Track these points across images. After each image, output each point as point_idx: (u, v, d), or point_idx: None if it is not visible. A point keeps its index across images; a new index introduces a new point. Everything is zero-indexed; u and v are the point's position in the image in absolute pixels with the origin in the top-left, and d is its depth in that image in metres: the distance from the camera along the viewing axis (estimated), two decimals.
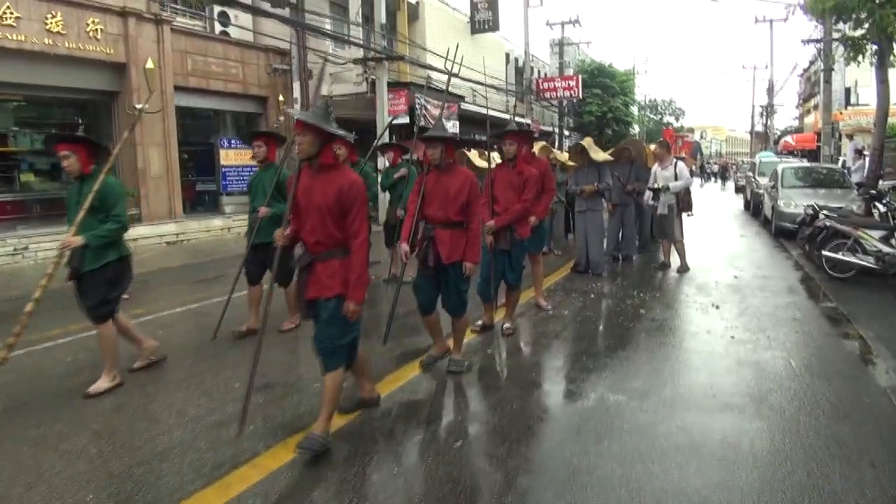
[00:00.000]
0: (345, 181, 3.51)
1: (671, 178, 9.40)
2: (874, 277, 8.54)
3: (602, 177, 8.95)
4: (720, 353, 5.49)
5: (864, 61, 16.10)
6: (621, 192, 10.10)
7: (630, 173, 10.24)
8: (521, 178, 5.85)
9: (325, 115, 3.54)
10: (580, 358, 5.44)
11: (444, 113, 21.13)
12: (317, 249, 3.61)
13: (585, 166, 9.10)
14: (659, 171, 9.60)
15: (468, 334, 5.67)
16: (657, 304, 7.37)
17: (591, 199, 9.00)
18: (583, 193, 8.96)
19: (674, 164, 9.53)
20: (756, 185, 18.14)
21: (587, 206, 9.06)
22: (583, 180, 9.02)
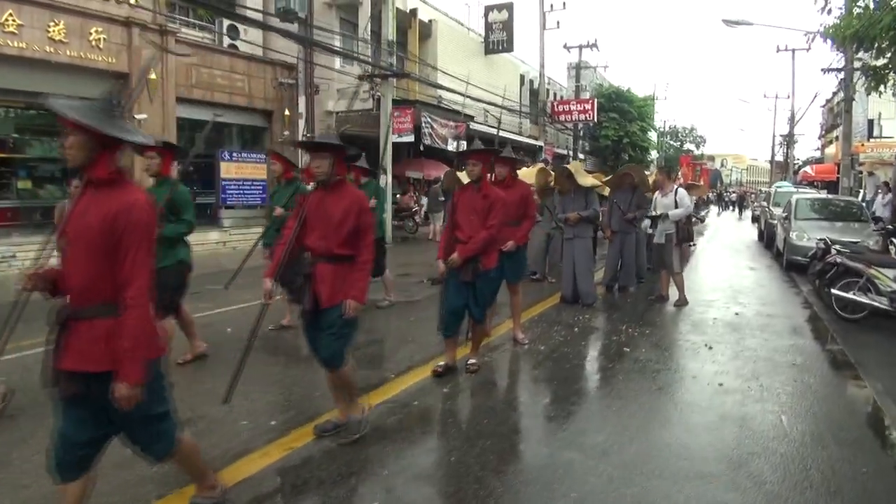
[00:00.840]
0: (120, 204, 2.54)
1: (671, 205, 8.81)
2: (888, 320, 7.85)
3: (589, 203, 8.48)
4: (703, 404, 4.86)
5: (886, 92, 15.47)
6: (621, 219, 9.59)
7: (631, 200, 9.67)
8: (486, 202, 5.21)
9: (101, 110, 2.56)
10: (543, 404, 4.86)
11: (453, 132, 21.01)
12: (79, 302, 2.61)
13: (572, 192, 8.60)
14: (659, 198, 9.06)
15: (420, 372, 5.13)
16: (644, 343, 6.74)
17: (579, 227, 8.53)
18: (567, 221, 8.50)
19: (674, 191, 8.98)
20: (770, 216, 17.43)
21: (574, 234, 8.58)
22: (569, 207, 8.57)
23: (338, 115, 20.53)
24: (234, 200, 17.73)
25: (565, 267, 8.86)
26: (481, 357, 5.86)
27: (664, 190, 9.06)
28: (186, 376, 5.29)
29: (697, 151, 76.21)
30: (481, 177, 5.29)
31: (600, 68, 39.72)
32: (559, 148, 34.83)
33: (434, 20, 23.77)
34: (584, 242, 8.63)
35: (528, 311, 8.20)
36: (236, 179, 17.73)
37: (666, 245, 8.84)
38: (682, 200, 8.87)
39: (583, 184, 8.47)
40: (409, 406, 4.81)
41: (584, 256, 8.62)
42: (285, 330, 7.01)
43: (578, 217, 8.33)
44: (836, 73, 19.98)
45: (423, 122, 19.72)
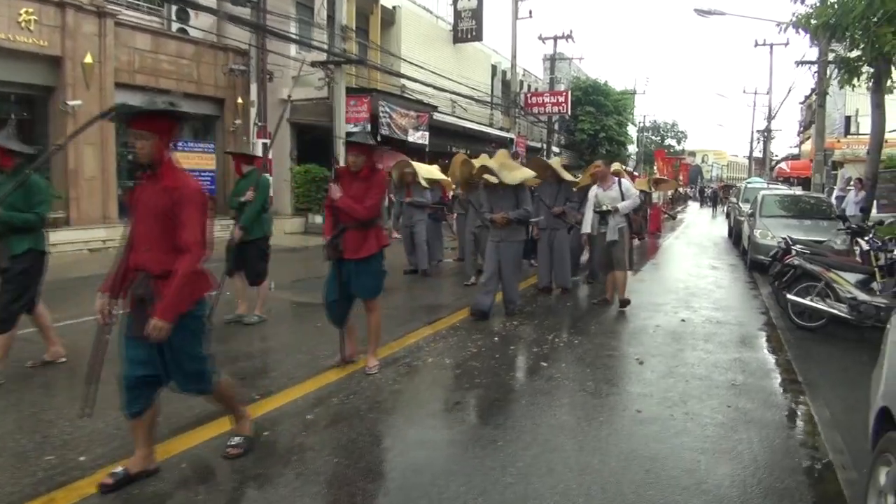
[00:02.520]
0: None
1: (617, 198, 7.97)
2: (847, 329, 7.08)
3: (521, 201, 7.27)
4: (609, 440, 4.00)
5: (859, 85, 14.77)
6: (548, 215, 8.69)
7: (558, 194, 8.78)
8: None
9: None
10: (410, 440, 3.98)
11: (413, 122, 20.11)
12: None
13: (500, 188, 7.37)
14: (601, 192, 8.10)
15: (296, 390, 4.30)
16: (568, 356, 5.89)
17: (508, 229, 7.33)
18: (494, 223, 7.29)
19: (617, 182, 8.14)
20: (739, 212, 16.72)
21: (501, 237, 7.34)
22: (497, 205, 7.35)
23: (292, 103, 19.53)
24: None
25: (486, 271, 7.65)
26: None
27: (605, 184, 8.16)
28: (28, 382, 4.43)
29: (678, 147, 75.96)
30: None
31: (577, 61, 38.98)
32: (533, 141, 34.03)
33: (398, 6, 22.80)
34: (513, 248, 7.41)
35: (453, 317, 7.38)
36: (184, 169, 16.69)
37: (619, 241, 7.94)
38: (628, 191, 8.11)
39: (509, 181, 7.20)
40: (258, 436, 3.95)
41: (512, 263, 7.44)
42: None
43: (506, 219, 7.15)
44: (810, 65, 19.33)
45: (381, 112, 18.79)
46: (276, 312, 7.55)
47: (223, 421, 4.13)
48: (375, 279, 5.17)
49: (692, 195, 56.47)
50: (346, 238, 4.96)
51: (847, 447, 3.97)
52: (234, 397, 3.81)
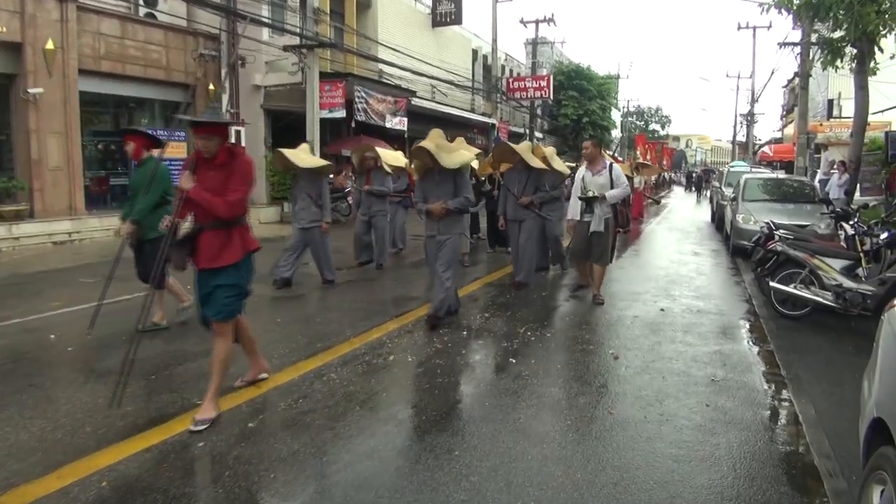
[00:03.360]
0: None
1: (606, 185, 7.33)
2: (833, 317, 6.79)
3: (460, 188, 6.26)
4: (574, 448, 3.63)
5: (842, 66, 14.50)
6: (516, 205, 8.08)
7: (527, 181, 8.11)
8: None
9: None
10: (351, 447, 3.61)
11: (391, 108, 19.64)
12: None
13: (436, 172, 6.29)
14: (589, 176, 7.44)
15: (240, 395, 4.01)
16: (539, 350, 5.54)
17: (445, 221, 6.29)
18: (429, 215, 6.32)
19: (608, 167, 7.46)
20: (721, 197, 16.44)
21: (438, 230, 6.31)
22: (432, 193, 6.31)
23: (266, 89, 19.01)
24: None
25: (430, 270, 6.71)
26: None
27: (595, 167, 7.50)
28: None
29: (663, 132, 75.88)
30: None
31: (560, 46, 38.59)
32: (516, 126, 33.64)
33: None
34: (451, 242, 6.31)
35: (422, 309, 7.01)
36: None
37: (604, 234, 7.32)
38: (618, 179, 7.42)
39: (446, 164, 6.13)
40: (187, 450, 3.58)
41: (447, 261, 6.30)
42: None
43: (444, 209, 6.15)
44: (793, 47, 19.04)
45: (357, 97, 18.31)
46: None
47: (153, 432, 3.79)
48: (231, 295, 4.03)
49: (677, 180, 56.35)
50: (200, 241, 3.96)
51: (833, 450, 3.65)
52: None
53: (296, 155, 8.21)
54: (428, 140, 6.30)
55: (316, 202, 8.09)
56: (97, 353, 5.49)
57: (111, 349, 5.51)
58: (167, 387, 4.67)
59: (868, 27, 11.62)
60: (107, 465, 3.44)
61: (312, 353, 5.36)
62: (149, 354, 5.41)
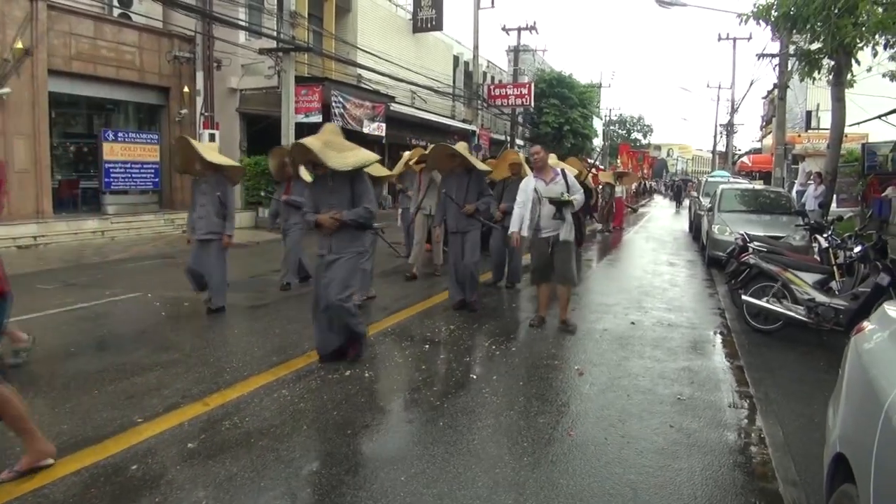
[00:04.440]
0: None
1: (563, 193, 6.52)
2: (805, 332, 6.67)
3: (358, 196, 5.09)
4: (528, 473, 3.43)
5: (820, 78, 14.53)
6: (458, 214, 7.25)
7: (468, 187, 7.30)
8: None
9: None
10: (291, 473, 3.39)
11: (369, 113, 19.42)
12: None
13: (328, 177, 5.12)
14: (543, 186, 6.45)
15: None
16: (502, 366, 5.33)
17: (339, 237, 5.10)
18: (319, 227, 5.10)
19: (561, 174, 6.61)
20: (699, 207, 16.41)
21: (330, 248, 5.12)
22: (323, 202, 5.15)
23: (242, 92, 18.74)
24: (120, 184, 15.93)
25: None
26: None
27: (547, 175, 6.56)
28: None
29: (644, 141, 76.29)
30: None
31: (542, 53, 38.61)
32: (497, 133, 33.54)
33: None
34: (347, 264, 5.10)
35: (386, 321, 6.80)
36: (123, 162, 15.92)
37: (572, 246, 6.59)
38: (575, 187, 6.62)
39: (335, 165, 4.93)
40: (119, 473, 3.35)
41: (339, 286, 5.05)
42: None
43: (336, 221, 4.99)
44: (771, 58, 19.11)
45: (334, 102, 18.08)
46: (196, 315, 6.90)
47: (85, 453, 3.55)
48: None
49: (657, 188, 56.58)
50: None
51: (800, 476, 3.50)
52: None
53: (207, 149, 7.20)
54: (315, 137, 5.18)
55: (219, 210, 6.90)
56: (41, 365, 5.21)
57: (55, 362, 5.26)
58: (109, 403, 4.42)
59: (845, 39, 11.61)
60: (31, 489, 3.20)
61: (266, 368, 5.13)
62: (96, 367, 5.17)
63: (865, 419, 2.05)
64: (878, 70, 12.69)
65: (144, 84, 16.92)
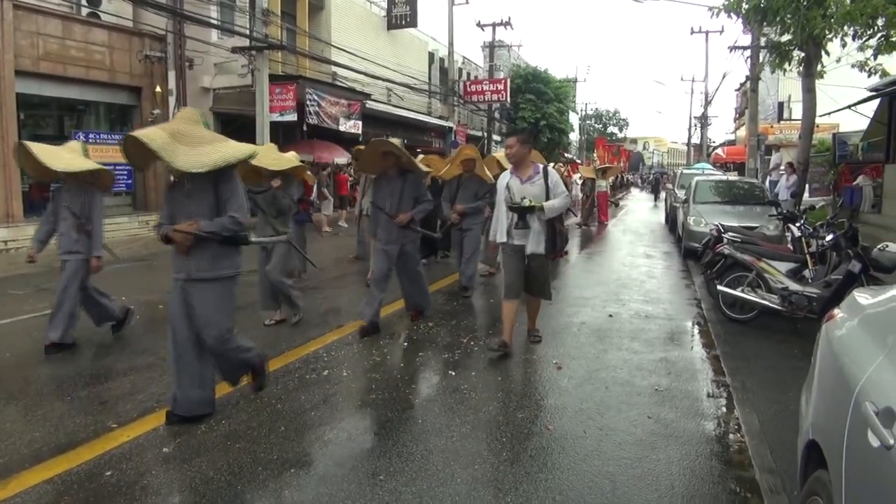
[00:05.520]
0: None
1: (541, 196, 5.43)
2: (780, 321, 6.75)
3: (225, 204, 3.93)
4: (507, 469, 3.43)
5: (791, 70, 14.74)
6: (389, 225, 6.13)
7: (402, 193, 6.16)
8: None
9: None
10: (270, 474, 3.36)
11: (345, 111, 19.32)
12: None
13: (186, 181, 3.99)
14: (517, 184, 5.49)
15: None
16: (480, 362, 5.32)
17: (200, 256, 3.94)
18: (169, 243, 3.95)
19: (541, 172, 5.58)
20: (675, 199, 16.54)
21: (188, 272, 3.98)
22: (183, 211, 3.96)
23: (215, 91, 18.54)
24: None
25: None
26: None
27: (524, 172, 5.56)
28: None
29: (620, 134, 76.81)
30: None
31: (517, 49, 38.69)
32: (474, 130, 33.56)
33: None
34: (212, 292, 3.99)
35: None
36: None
37: (542, 258, 5.57)
38: (556, 187, 5.50)
39: (182, 166, 3.69)
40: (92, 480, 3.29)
41: (209, 316, 4.01)
42: None
43: (188, 236, 3.81)
44: (743, 51, 19.32)
45: (309, 100, 17.96)
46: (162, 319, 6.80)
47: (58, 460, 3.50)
48: None
49: (634, 182, 56.98)
50: None
51: (776, 463, 3.53)
52: None
53: (52, 154, 5.45)
54: (160, 126, 3.90)
55: (80, 225, 5.56)
56: (13, 372, 5.12)
57: (27, 368, 5.16)
58: (82, 409, 4.35)
59: (814, 31, 11.77)
60: (2, 498, 3.15)
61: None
62: (69, 372, 5.09)
63: (836, 406, 2.07)
64: (847, 61, 12.88)
65: (115, 84, 16.67)
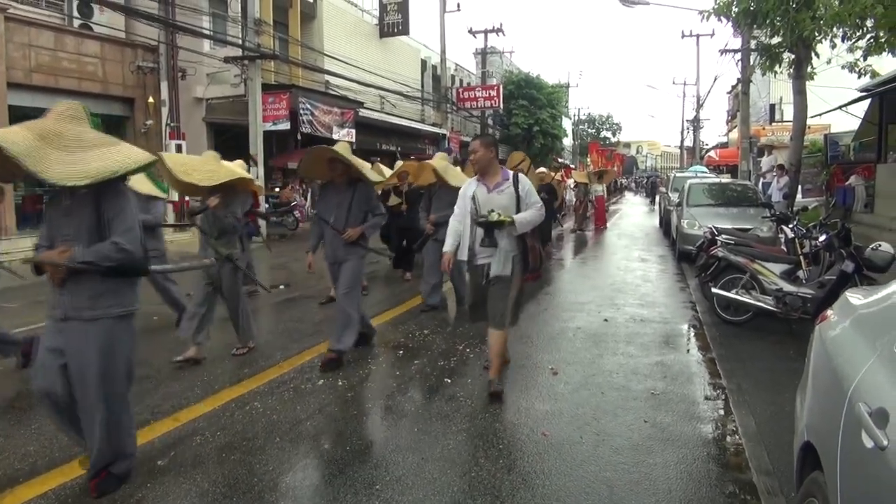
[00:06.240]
0: None
1: (511, 207, 4.58)
2: (775, 322, 6.76)
3: (108, 223, 3.17)
4: (504, 476, 3.42)
5: (781, 72, 14.81)
6: (335, 241, 5.44)
7: (350, 205, 5.44)
8: None
9: None
10: (267, 485, 3.34)
11: (338, 120, 19.33)
12: None
13: (64, 197, 3.23)
14: (483, 194, 4.64)
15: None
16: (475, 368, 5.31)
17: (78, 290, 3.20)
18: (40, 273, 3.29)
19: (511, 180, 4.68)
20: (669, 202, 16.58)
21: (65, 310, 3.22)
22: (59, 231, 3.26)
23: (208, 101, 18.54)
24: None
25: None
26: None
27: (492, 180, 4.68)
28: None
29: (614, 139, 77.00)
30: None
31: (509, 55, 38.83)
32: (467, 136, 33.61)
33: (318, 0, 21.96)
34: (95, 340, 3.20)
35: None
36: None
37: (510, 281, 4.64)
38: (529, 196, 4.65)
39: (51, 178, 2.86)
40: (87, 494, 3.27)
41: (93, 374, 3.21)
42: None
43: (65, 265, 3.11)
44: (734, 53, 19.42)
45: (302, 109, 17.98)
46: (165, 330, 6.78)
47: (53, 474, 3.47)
48: None
49: (628, 185, 57.11)
50: None
51: (773, 465, 3.53)
52: None
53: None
54: (26, 125, 3.02)
55: None
56: (6, 385, 5.08)
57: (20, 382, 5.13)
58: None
59: (804, 33, 11.83)
60: None
61: (238, 380, 5.06)
62: None
63: (830, 407, 2.07)
64: (836, 62, 12.94)
65: (108, 95, 16.66)
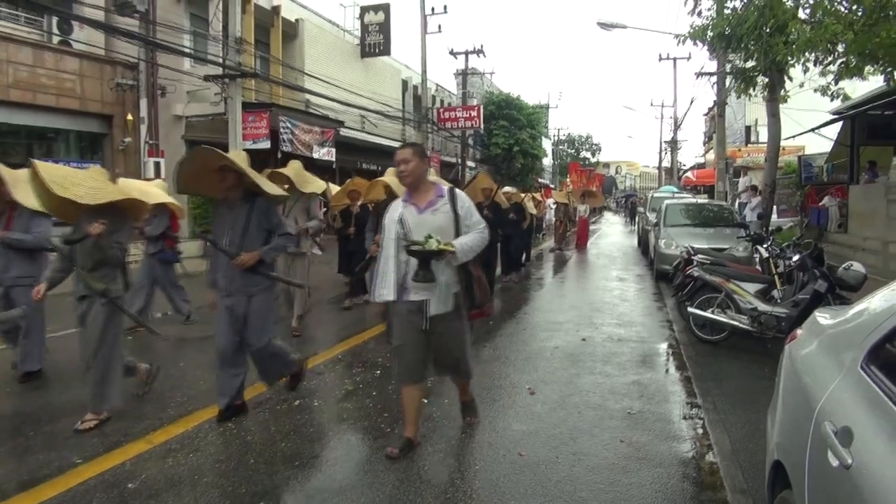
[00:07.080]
0: None
1: (448, 229, 3.85)
2: (750, 341, 6.82)
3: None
4: (479, 498, 3.41)
5: (755, 95, 15.10)
6: (229, 270, 4.40)
7: (248, 222, 4.42)
8: None
9: None
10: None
11: (318, 139, 19.34)
12: None
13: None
14: (413, 214, 3.90)
15: None
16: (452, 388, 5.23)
17: None
18: None
19: (447, 196, 3.94)
20: (646, 222, 16.75)
21: None
22: None
23: (188, 119, 18.47)
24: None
25: None
26: None
27: (423, 198, 3.93)
28: None
29: (593, 159, 77.77)
30: None
31: (490, 76, 39.14)
32: (448, 156, 33.75)
33: (301, 20, 22.05)
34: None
35: (335, 348, 6.72)
36: None
37: (459, 318, 4.04)
38: (469, 216, 3.93)
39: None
40: None
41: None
42: None
43: None
44: (709, 77, 19.75)
45: (282, 128, 17.96)
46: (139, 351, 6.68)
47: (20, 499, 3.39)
48: None
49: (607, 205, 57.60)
50: None
51: (748, 483, 3.55)
52: None
53: None
54: None
55: None
56: None
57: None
58: (47, 445, 4.23)
59: (777, 57, 12.09)
60: None
61: (212, 401, 4.93)
62: (33, 407, 4.96)
63: (798, 426, 2.09)
64: (809, 85, 13.22)
65: (86, 112, 16.55)
